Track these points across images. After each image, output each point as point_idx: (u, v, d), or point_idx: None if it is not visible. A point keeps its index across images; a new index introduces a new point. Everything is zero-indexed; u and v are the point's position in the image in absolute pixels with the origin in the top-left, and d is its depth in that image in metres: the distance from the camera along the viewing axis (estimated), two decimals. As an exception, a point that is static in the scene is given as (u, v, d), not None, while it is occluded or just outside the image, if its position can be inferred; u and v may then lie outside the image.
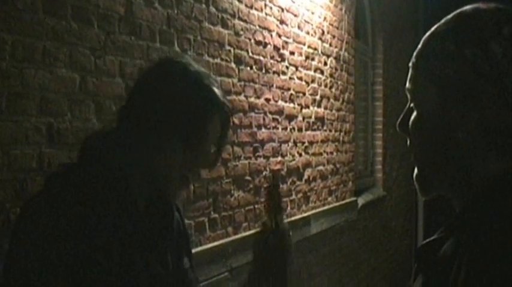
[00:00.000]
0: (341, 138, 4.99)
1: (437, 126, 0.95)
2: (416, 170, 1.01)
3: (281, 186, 3.80)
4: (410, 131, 1.01)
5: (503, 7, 0.96)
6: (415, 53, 1.00)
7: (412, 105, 1.01)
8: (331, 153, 4.76)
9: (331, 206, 4.71)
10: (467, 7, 0.97)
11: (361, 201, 5.52)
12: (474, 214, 0.91)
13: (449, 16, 0.99)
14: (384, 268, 6.45)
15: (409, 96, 1.02)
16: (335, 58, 4.82)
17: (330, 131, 4.74)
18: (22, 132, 1.89)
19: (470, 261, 0.84)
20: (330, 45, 4.72)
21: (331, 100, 4.75)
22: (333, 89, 4.79)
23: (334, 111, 4.81)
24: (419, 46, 1.00)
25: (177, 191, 1.42)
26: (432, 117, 0.96)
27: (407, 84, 1.01)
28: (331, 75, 4.73)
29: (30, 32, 1.92)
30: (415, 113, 1.00)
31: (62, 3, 2.05)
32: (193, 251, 2.78)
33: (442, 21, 0.99)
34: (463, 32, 0.94)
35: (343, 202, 5.03)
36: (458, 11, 0.98)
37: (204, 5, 2.92)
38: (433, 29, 1.00)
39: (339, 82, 4.93)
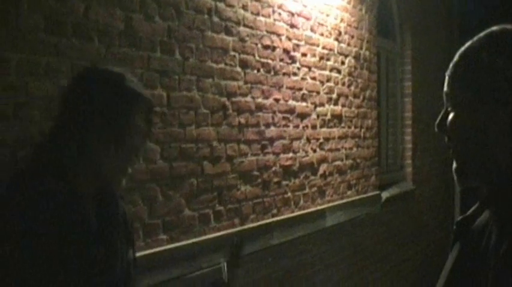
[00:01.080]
0: (362, 134, 5.17)
1: (472, 126, 1.14)
2: (454, 163, 1.20)
3: (293, 181, 4.04)
4: (449, 130, 1.19)
5: None
6: (451, 64, 1.20)
7: (449, 107, 1.19)
8: (351, 149, 4.95)
9: (350, 199, 4.90)
10: (496, 27, 1.18)
11: (386, 195, 5.67)
12: (501, 193, 1.12)
13: (481, 34, 1.18)
14: (416, 261, 6.57)
15: (446, 99, 1.21)
16: (354, 57, 5.00)
17: (349, 127, 4.93)
18: (27, 136, 2.21)
19: (499, 227, 1.09)
20: (348, 45, 4.91)
21: (350, 98, 4.94)
22: (352, 87, 4.98)
23: (353, 108, 5.00)
24: (456, 58, 1.19)
25: (120, 180, 1.58)
26: (468, 117, 1.15)
27: (446, 89, 1.20)
28: (349, 74, 4.92)
29: (33, 50, 2.24)
30: (452, 114, 1.18)
31: (63, 22, 2.36)
32: (196, 239, 3.09)
33: (475, 38, 1.19)
34: (495, 47, 1.14)
35: (365, 195, 5.21)
36: (489, 30, 1.18)
37: (206, 16, 3.18)
38: (467, 44, 1.19)
39: (359, 80, 5.11)
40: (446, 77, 1.20)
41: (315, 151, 4.37)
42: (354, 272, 5.02)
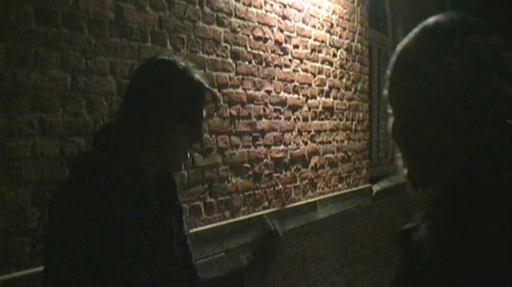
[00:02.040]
0: (353, 127, 5.17)
1: (410, 131, 1.05)
2: (405, 168, 1.12)
3: (284, 173, 4.04)
4: (391, 135, 1.11)
5: (460, 18, 1.06)
6: (389, 65, 1.10)
7: (391, 112, 1.10)
8: (342, 141, 4.95)
9: (341, 192, 4.90)
10: (431, 19, 1.07)
11: (377, 188, 5.68)
12: (442, 203, 1.06)
13: (415, 29, 1.08)
14: (406, 253, 6.58)
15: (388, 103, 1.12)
16: (346, 49, 4.99)
17: (341, 120, 4.92)
18: (16, 127, 2.19)
19: (436, 240, 0.99)
20: (340, 37, 4.89)
21: (342, 90, 4.93)
22: (344, 80, 4.97)
23: (345, 101, 4.99)
24: (393, 59, 1.09)
25: (180, 163, 1.66)
26: (406, 123, 1.06)
27: (385, 93, 1.12)
28: (341, 66, 4.91)
29: (23, 40, 2.21)
30: (393, 120, 1.10)
31: (53, 12, 2.33)
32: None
33: (410, 34, 1.09)
34: (422, 47, 1.05)
35: (356, 188, 5.21)
36: (422, 24, 1.08)
37: (197, 6, 3.16)
38: (404, 42, 1.09)
39: (351, 73, 5.10)
40: (386, 81, 1.11)
41: (306, 143, 4.36)
42: (345, 264, 5.02)
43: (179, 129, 1.58)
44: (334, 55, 4.80)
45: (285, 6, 4.03)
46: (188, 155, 1.67)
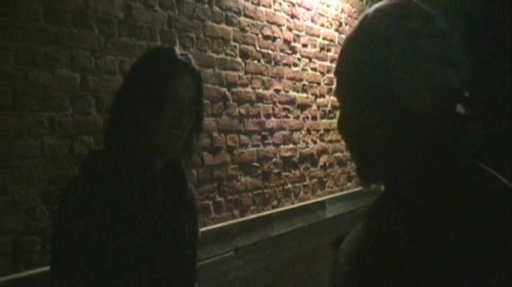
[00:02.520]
0: (362, 125, 5.15)
1: (357, 126, 0.99)
2: (355, 164, 1.06)
3: (293, 172, 4.03)
4: (337, 129, 1.07)
5: (400, 2, 1.00)
6: (337, 60, 1.05)
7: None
8: (351, 140, 4.93)
9: (350, 191, 4.89)
10: (369, 10, 1.01)
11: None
12: (376, 205, 1.03)
13: (357, 22, 1.02)
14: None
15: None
16: (355, 48, 4.97)
17: (350, 119, 4.90)
18: (25, 126, 2.20)
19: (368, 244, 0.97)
20: (349, 36, 4.87)
21: (351, 89, 4.91)
22: (353, 78, 4.95)
23: (354, 99, 4.97)
24: (339, 53, 1.04)
25: (173, 145, 1.60)
26: (351, 118, 1.00)
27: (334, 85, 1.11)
28: (350, 65, 4.89)
29: (33, 39, 2.22)
30: (339, 113, 1.06)
31: (63, 11, 2.34)
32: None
33: (354, 26, 1.02)
34: (360, 38, 0.98)
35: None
36: (362, 15, 1.02)
37: (206, 5, 3.16)
38: (348, 34, 1.04)
39: (360, 71, 5.08)
40: (336, 78, 1.07)
41: (315, 142, 4.35)
42: (354, 263, 5.01)
43: (157, 110, 1.55)
44: (343, 54, 4.78)
45: (293, 5, 4.02)
46: (180, 135, 1.60)
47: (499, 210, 0.88)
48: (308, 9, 4.21)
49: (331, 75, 4.58)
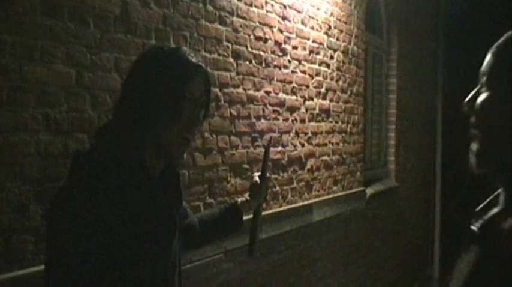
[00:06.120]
0: (348, 129, 5.16)
1: (505, 109, 1.06)
2: (477, 145, 1.12)
3: (281, 174, 4.01)
4: (478, 110, 1.11)
5: None
6: (497, 43, 1.12)
7: (484, 87, 1.11)
8: (337, 144, 4.93)
9: (336, 195, 4.89)
10: None
11: (370, 191, 5.67)
12: None
13: None
14: (398, 257, 6.60)
15: (482, 78, 1.12)
16: (342, 52, 4.98)
17: (336, 122, 4.91)
18: (21, 122, 2.14)
19: None
20: (337, 39, 4.88)
21: (338, 93, 4.92)
22: (340, 82, 4.96)
23: (341, 103, 4.98)
24: (503, 38, 1.12)
25: (181, 152, 1.59)
26: (503, 100, 1.06)
27: (484, 68, 1.12)
28: (338, 69, 4.90)
29: (29, 33, 2.17)
30: (486, 95, 1.10)
31: (59, 6, 2.29)
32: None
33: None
34: None
35: (350, 191, 5.20)
36: None
37: (201, 4, 3.13)
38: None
39: (347, 75, 5.09)
40: (489, 55, 1.12)
41: (303, 145, 4.34)
42: (340, 266, 5.01)
43: (170, 115, 1.52)
44: (331, 57, 4.78)
45: (285, 6, 4.01)
46: (190, 142, 1.59)
47: None
48: (299, 12, 4.21)
49: (320, 78, 4.58)
